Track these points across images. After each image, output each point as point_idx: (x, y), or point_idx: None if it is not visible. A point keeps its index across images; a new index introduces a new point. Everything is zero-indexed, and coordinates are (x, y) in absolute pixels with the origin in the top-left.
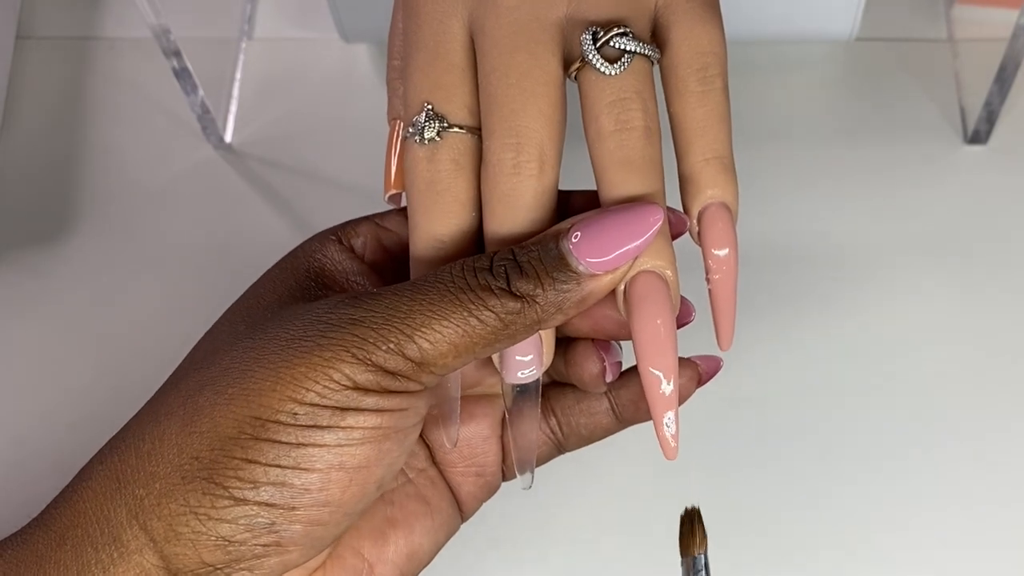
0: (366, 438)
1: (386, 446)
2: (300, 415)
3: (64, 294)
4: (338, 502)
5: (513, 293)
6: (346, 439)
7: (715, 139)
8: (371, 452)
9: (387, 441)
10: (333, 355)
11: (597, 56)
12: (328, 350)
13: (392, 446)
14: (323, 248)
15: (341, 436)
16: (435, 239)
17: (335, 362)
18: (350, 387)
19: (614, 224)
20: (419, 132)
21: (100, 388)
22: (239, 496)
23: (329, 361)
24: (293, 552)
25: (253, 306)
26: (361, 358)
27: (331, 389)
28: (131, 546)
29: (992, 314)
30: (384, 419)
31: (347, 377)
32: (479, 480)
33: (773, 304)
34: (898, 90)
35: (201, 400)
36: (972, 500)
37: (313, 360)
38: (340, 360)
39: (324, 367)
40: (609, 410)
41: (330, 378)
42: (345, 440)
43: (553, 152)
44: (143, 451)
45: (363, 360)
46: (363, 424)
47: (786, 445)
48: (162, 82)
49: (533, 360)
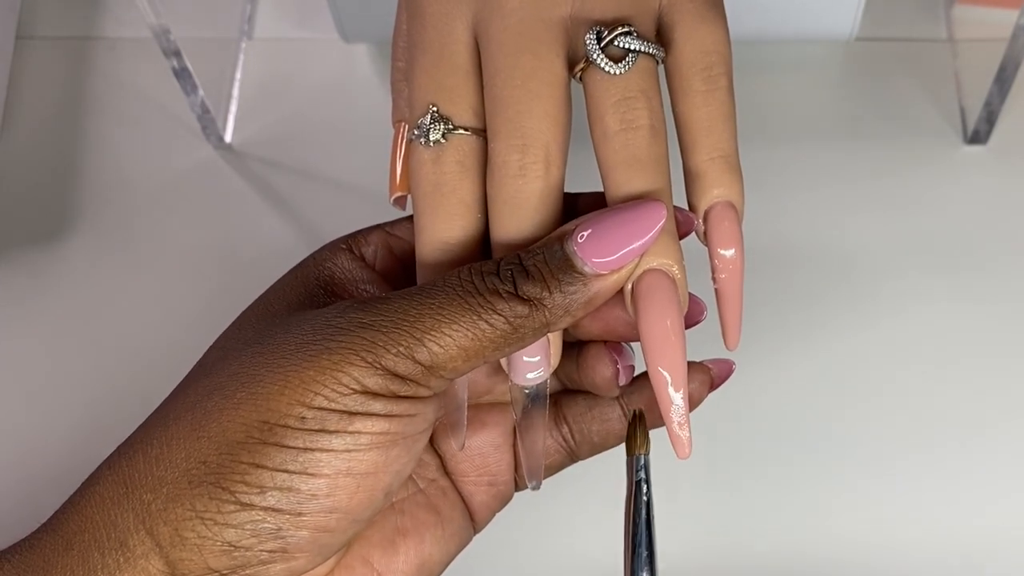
0: (374, 443)
1: (394, 452)
2: (308, 419)
3: (64, 294)
4: (345, 508)
5: (521, 297)
6: (354, 444)
7: (720, 138)
8: (379, 458)
9: (395, 447)
10: (342, 359)
11: (601, 56)
12: (337, 354)
13: (400, 452)
14: (333, 257)
15: (349, 441)
16: (441, 241)
17: (344, 366)
18: (359, 391)
19: (618, 223)
20: (424, 134)
21: (100, 388)
22: (245, 501)
23: (338, 365)
24: (300, 559)
25: (263, 313)
26: (370, 362)
27: (339, 393)
28: (137, 551)
29: (992, 314)
30: (392, 424)
31: (356, 381)
32: (491, 489)
33: (773, 304)
34: (898, 90)
35: (209, 405)
36: (973, 498)
37: (322, 364)
38: (349, 364)
39: (333, 371)
40: (621, 416)
41: (339, 382)
42: (353, 445)
43: (559, 153)
44: (151, 456)
45: (372, 364)
46: (371, 429)
47: (789, 444)
48: (162, 82)
49: (541, 361)
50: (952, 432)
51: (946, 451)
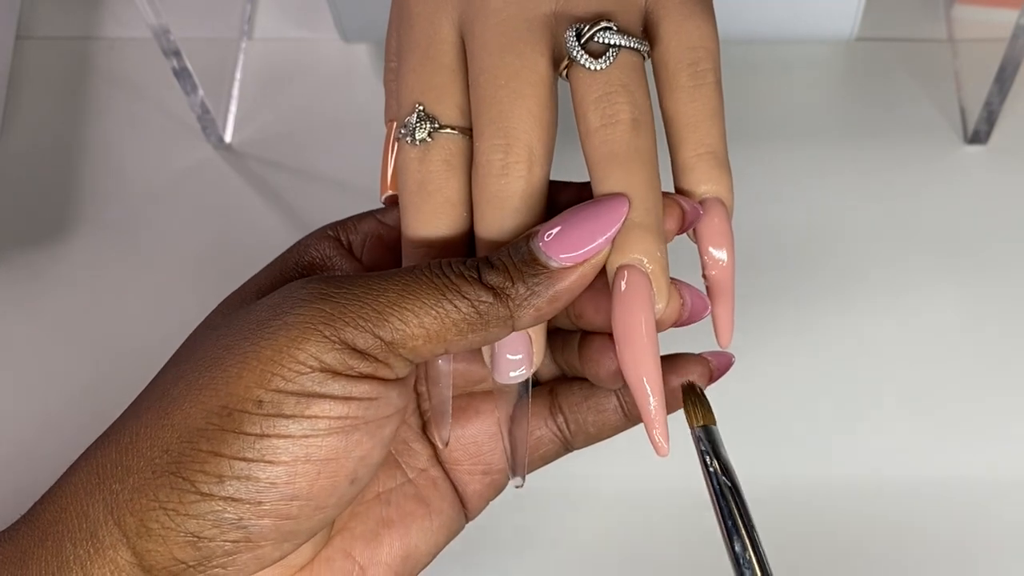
0: (332, 428)
1: (355, 437)
2: (265, 403)
3: (64, 294)
4: (307, 495)
5: (485, 284)
6: (312, 429)
7: (707, 133)
8: (339, 443)
9: (356, 432)
10: (300, 333)
11: (581, 52)
12: (295, 328)
13: (362, 438)
14: (317, 244)
15: (306, 426)
16: (426, 239)
17: (301, 342)
18: (317, 369)
19: (582, 219)
20: (411, 133)
21: (99, 388)
22: (205, 491)
23: (295, 341)
24: (265, 547)
25: (235, 300)
26: (328, 335)
27: (297, 372)
28: (106, 542)
29: (992, 314)
30: (352, 408)
31: (313, 357)
32: (485, 478)
33: (773, 304)
34: (898, 90)
35: (175, 392)
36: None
37: (279, 341)
38: (307, 339)
39: (290, 348)
40: (618, 407)
41: (296, 359)
42: (311, 430)
43: (542, 152)
44: (122, 445)
45: (331, 337)
46: (329, 413)
47: (782, 441)
48: (162, 82)
49: (523, 360)
50: (952, 432)
51: (946, 451)
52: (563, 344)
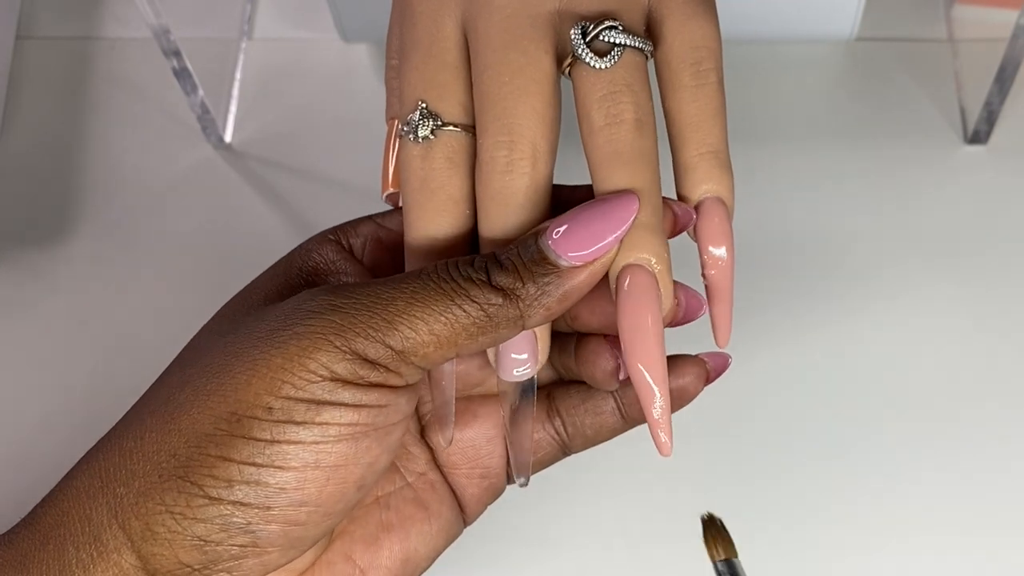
0: (343, 435)
1: (364, 444)
2: (275, 409)
3: (64, 294)
4: (316, 502)
5: (495, 286)
6: (322, 436)
7: (709, 133)
8: (348, 450)
9: (365, 439)
10: (310, 343)
11: (586, 50)
12: (306, 339)
13: (371, 444)
14: (319, 248)
15: (317, 433)
16: (429, 237)
17: (312, 351)
18: (327, 378)
19: (592, 217)
20: (413, 130)
21: (100, 388)
22: (214, 495)
23: (306, 350)
24: (272, 552)
25: (240, 305)
26: (339, 346)
27: (307, 380)
28: (110, 546)
29: (992, 314)
30: (362, 415)
31: (324, 367)
32: (483, 482)
33: (772, 304)
34: (898, 90)
35: (181, 397)
36: (977, 496)
37: (289, 351)
38: (317, 349)
39: (301, 357)
40: (615, 409)
41: (306, 368)
42: (321, 437)
43: (546, 149)
44: (126, 449)
45: (341, 348)
46: (340, 420)
47: (782, 443)
48: (162, 82)
49: (529, 358)
50: (952, 432)
51: (946, 451)
52: (560, 347)
